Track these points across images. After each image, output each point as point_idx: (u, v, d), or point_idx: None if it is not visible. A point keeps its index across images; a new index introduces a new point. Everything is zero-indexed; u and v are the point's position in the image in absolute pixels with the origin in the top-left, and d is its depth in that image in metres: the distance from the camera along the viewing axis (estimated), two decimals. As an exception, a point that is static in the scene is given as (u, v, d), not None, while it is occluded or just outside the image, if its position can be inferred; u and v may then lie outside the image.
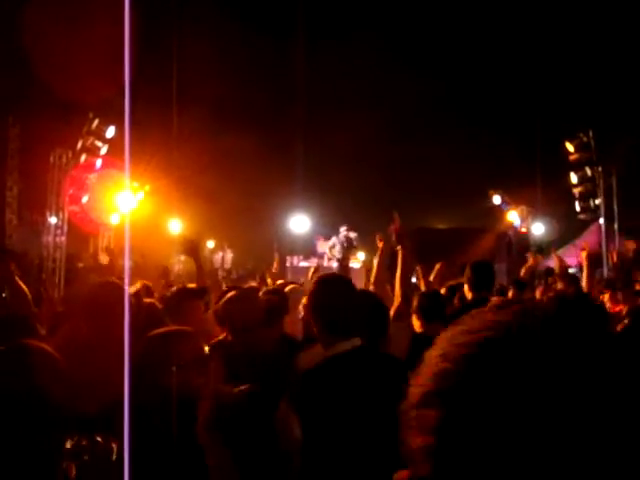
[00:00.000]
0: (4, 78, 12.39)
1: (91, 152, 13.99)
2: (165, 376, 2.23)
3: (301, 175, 19.88)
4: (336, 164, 19.23)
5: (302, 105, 20.13)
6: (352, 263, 15.46)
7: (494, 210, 18.03)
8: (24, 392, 1.90)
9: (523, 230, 16.91)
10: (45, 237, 13.75)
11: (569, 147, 14.69)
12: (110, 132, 13.97)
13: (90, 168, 14.03)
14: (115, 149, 13.70)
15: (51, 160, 13.76)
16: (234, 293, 3.51)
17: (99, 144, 14.00)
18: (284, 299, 4.01)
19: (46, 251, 13.61)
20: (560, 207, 16.87)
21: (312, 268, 6.35)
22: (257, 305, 3.44)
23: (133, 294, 3.62)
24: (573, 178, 14.90)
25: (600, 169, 14.32)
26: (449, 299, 5.01)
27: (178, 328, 2.70)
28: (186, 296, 3.88)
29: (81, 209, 14.18)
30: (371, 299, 3.11)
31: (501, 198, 17.38)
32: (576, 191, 15.00)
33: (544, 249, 17.29)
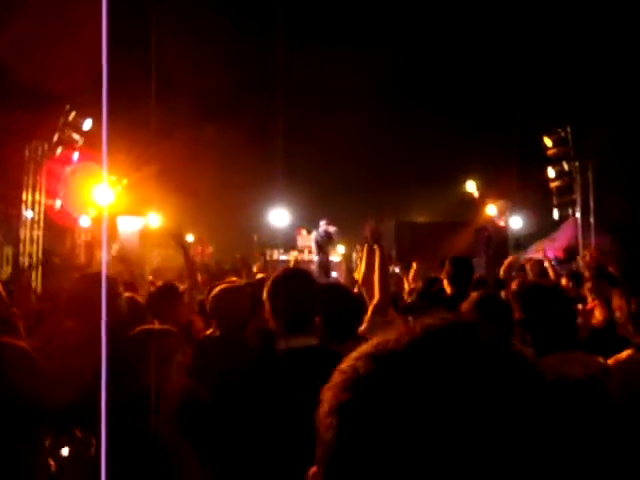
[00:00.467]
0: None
1: (68, 145, 13.80)
2: (145, 373, 2.22)
3: (281, 168, 19.81)
4: (316, 157, 19.23)
5: (282, 98, 20.05)
6: (332, 256, 15.48)
7: (472, 202, 18.16)
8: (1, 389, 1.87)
9: (501, 224, 17.06)
10: (21, 231, 13.54)
11: (547, 142, 14.85)
12: (87, 124, 13.79)
13: (67, 161, 13.84)
14: (92, 141, 13.51)
15: (26, 153, 13.53)
16: (223, 288, 3.46)
17: (76, 137, 13.81)
18: (260, 291, 4.00)
19: (22, 246, 13.41)
20: (538, 201, 17.05)
21: (291, 261, 6.33)
22: (247, 300, 3.41)
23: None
24: (550, 173, 15.07)
25: (577, 164, 14.50)
26: (427, 292, 5.07)
27: (162, 327, 2.68)
28: (170, 294, 3.85)
29: (57, 203, 13.99)
30: (342, 294, 3.09)
31: (475, 187, 17.57)
32: (553, 185, 15.17)
33: (522, 243, 17.51)
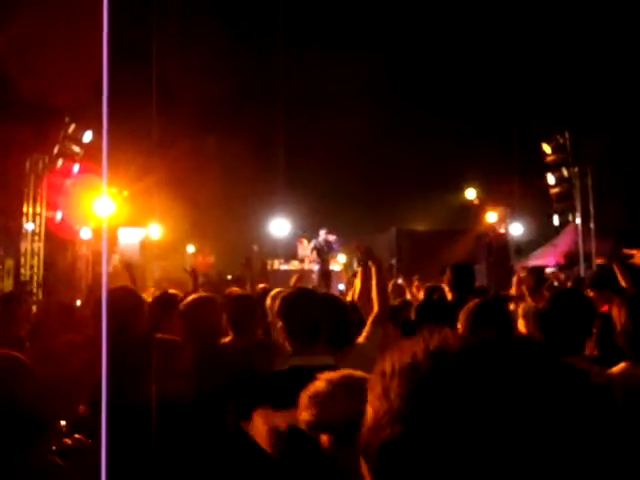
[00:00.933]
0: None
1: (68, 157, 13.83)
2: (148, 382, 2.22)
3: (281, 178, 19.85)
4: (316, 167, 19.26)
5: (282, 108, 20.11)
6: (332, 266, 15.48)
7: (472, 210, 18.19)
8: None
9: (502, 231, 17.06)
10: (22, 244, 13.54)
11: (546, 149, 14.88)
12: (87, 137, 13.83)
13: (67, 173, 13.87)
14: (92, 154, 13.54)
15: (27, 165, 13.57)
16: (192, 299, 3.47)
17: (76, 149, 13.85)
18: (255, 304, 4.00)
19: (23, 258, 13.41)
20: (538, 208, 17.06)
21: (295, 275, 6.35)
22: (214, 313, 3.39)
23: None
24: (550, 179, 15.09)
25: (576, 170, 14.52)
26: (428, 301, 5.06)
27: (170, 337, 2.66)
28: (168, 304, 3.83)
29: (58, 215, 14.00)
30: (337, 308, 3.13)
31: (476, 195, 17.62)
32: (553, 192, 15.19)
33: (523, 250, 17.50)
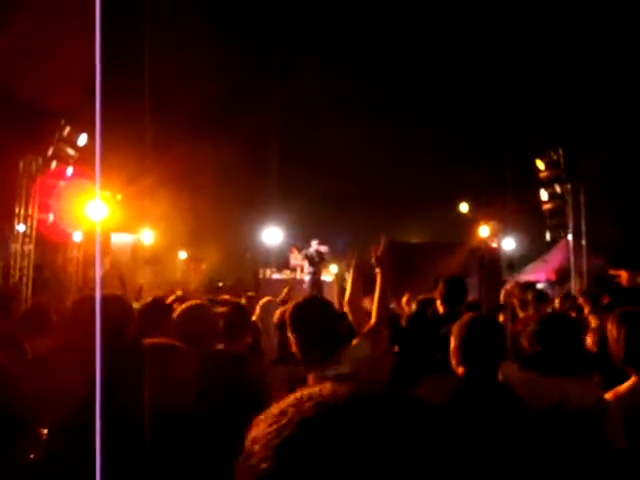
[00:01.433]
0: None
1: (62, 159, 13.77)
2: (141, 389, 2.18)
3: (275, 187, 19.84)
4: (310, 177, 19.29)
5: (277, 117, 20.14)
6: (324, 276, 15.46)
7: (465, 223, 18.24)
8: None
9: (494, 245, 17.10)
10: (13, 245, 13.46)
11: (539, 164, 14.94)
12: (82, 140, 13.79)
13: (61, 176, 13.81)
14: (87, 157, 13.50)
15: (20, 167, 13.51)
16: (186, 307, 3.45)
17: (70, 152, 13.80)
18: (245, 313, 3.97)
19: (13, 260, 13.32)
20: (530, 223, 17.14)
21: (286, 287, 6.33)
22: (208, 319, 3.36)
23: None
24: (543, 195, 15.14)
25: (569, 186, 14.58)
26: (421, 313, 5.04)
27: (170, 341, 2.61)
28: (160, 310, 3.80)
29: (50, 217, 13.93)
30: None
31: (469, 209, 17.69)
32: (546, 208, 15.24)
33: (515, 264, 17.54)
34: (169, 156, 17.44)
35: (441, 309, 4.44)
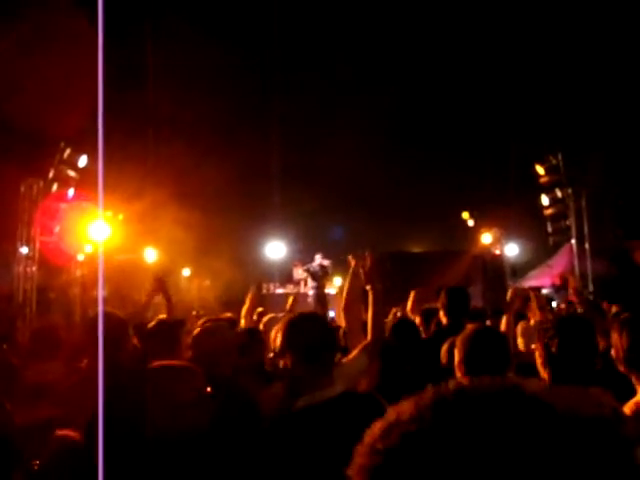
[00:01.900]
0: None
1: (63, 181, 13.83)
2: (144, 416, 2.17)
3: (277, 202, 19.90)
4: (312, 191, 19.32)
5: (278, 132, 20.22)
6: (328, 289, 15.45)
7: (467, 232, 18.23)
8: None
9: (497, 252, 17.08)
10: (15, 268, 13.47)
11: (539, 170, 14.95)
12: (82, 161, 13.84)
13: (62, 198, 13.85)
14: (87, 178, 13.55)
15: (22, 190, 13.55)
16: (203, 327, 3.42)
17: (71, 173, 13.85)
18: (254, 330, 3.95)
19: (16, 282, 13.33)
20: (533, 229, 17.11)
21: (290, 298, 6.25)
22: (226, 339, 3.32)
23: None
24: (544, 200, 15.14)
25: (570, 191, 14.58)
26: (425, 324, 5.03)
27: (180, 363, 2.59)
28: (168, 329, 3.78)
29: (53, 239, 13.95)
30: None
31: (471, 216, 17.68)
32: (547, 213, 15.23)
33: (518, 271, 17.52)
34: (171, 174, 17.50)
35: (444, 320, 4.44)
